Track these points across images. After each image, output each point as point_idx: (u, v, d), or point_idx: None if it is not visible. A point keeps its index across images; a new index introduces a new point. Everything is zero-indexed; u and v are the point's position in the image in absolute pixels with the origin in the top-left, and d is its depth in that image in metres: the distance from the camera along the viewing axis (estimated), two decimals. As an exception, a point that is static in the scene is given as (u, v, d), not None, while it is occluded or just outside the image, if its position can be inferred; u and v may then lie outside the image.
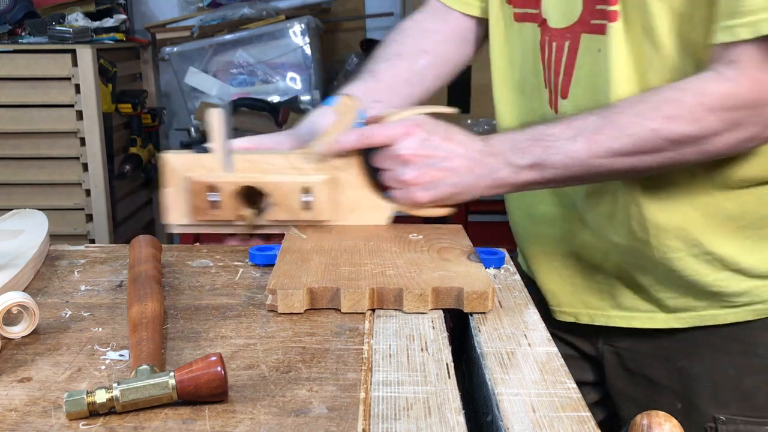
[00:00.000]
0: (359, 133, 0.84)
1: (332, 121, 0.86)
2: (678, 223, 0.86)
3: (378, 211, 0.88)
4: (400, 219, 0.91)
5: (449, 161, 0.82)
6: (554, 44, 0.88)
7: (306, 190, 0.86)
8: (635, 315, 0.95)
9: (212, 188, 0.86)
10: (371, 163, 0.86)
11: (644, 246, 0.88)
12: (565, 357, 1.02)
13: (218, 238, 0.95)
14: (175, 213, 0.88)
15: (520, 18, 0.94)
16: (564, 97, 0.90)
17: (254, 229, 0.89)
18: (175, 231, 0.90)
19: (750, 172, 0.83)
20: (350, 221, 0.88)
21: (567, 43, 0.87)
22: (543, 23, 0.90)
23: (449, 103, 2.57)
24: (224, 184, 0.85)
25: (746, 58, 0.74)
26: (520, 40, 0.96)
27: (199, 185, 0.85)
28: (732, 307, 0.89)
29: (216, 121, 0.84)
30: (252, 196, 0.88)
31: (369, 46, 2.77)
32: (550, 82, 0.91)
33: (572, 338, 1.04)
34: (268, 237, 0.92)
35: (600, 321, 0.98)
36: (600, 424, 0.53)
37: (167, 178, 0.87)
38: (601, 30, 0.84)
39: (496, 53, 1.00)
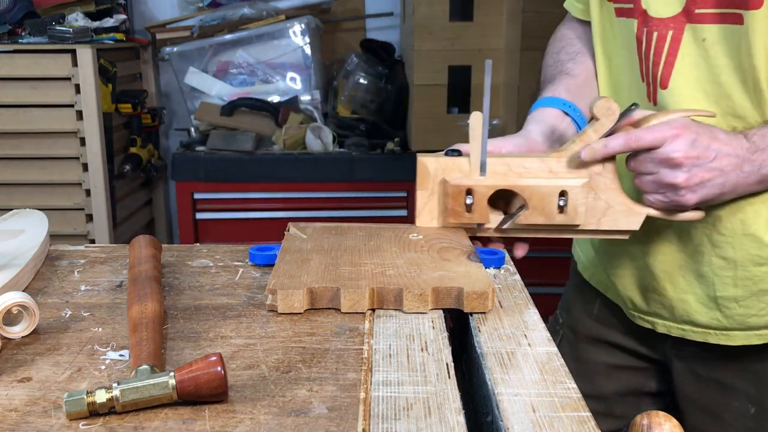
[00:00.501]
0: (627, 136, 0.81)
1: (592, 124, 0.84)
2: None
3: (631, 216, 0.86)
4: (397, 219, 0.91)
5: (717, 161, 0.80)
6: (655, 34, 0.88)
7: (563, 194, 0.84)
8: (710, 332, 0.94)
9: (469, 191, 0.85)
10: (629, 167, 0.84)
11: (738, 266, 0.89)
12: (629, 369, 1.02)
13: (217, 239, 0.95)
14: (426, 216, 0.88)
15: (619, 13, 0.94)
16: (664, 87, 0.89)
17: (502, 233, 0.88)
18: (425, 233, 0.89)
19: None
20: (603, 225, 0.86)
21: (670, 33, 0.87)
22: (643, 14, 0.89)
23: (449, 103, 2.57)
24: (481, 188, 0.85)
25: None
26: (621, 35, 0.95)
27: (457, 188, 0.85)
28: None
29: (477, 124, 0.83)
30: (495, 199, 0.87)
31: (369, 46, 2.77)
32: (648, 74, 0.91)
33: (637, 344, 1.04)
34: (511, 241, 0.91)
35: (675, 333, 0.98)
36: None
37: (421, 180, 0.87)
38: (702, 19, 0.84)
39: (598, 51, 1.01)
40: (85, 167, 2.46)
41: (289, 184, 2.45)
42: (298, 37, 2.67)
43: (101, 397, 0.51)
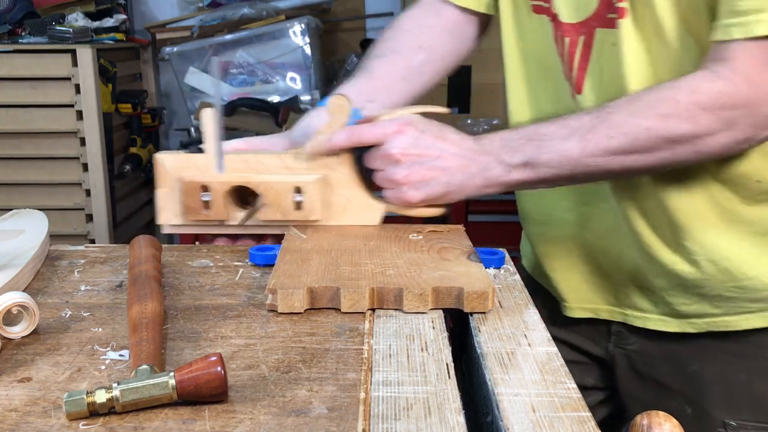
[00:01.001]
0: (349, 131, 0.83)
1: (325, 121, 0.86)
2: (697, 228, 0.86)
3: (370, 210, 0.88)
4: (398, 219, 0.91)
5: (441, 160, 0.81)
6: (567, 39, 0.88)
7: (298, 190, 0.86)
8: (649, 317, 0.94)
9: (205, 188, 0.86)
10: (363, 163, 0.86)
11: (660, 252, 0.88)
12: (569, 362, 1.02)
13: (208, 239, 0.95)
14: (168, 213, 0.89)
15: (536, 10, 0.93)
16: (578, 92, 0.89)
17: (245, 229, 0.89)
18: (167, 231, 0.90)
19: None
20: (342, 221, 0.88)
21: (581, 38, 0.87)
22: (554, 18, 0.89)
23: (449, 104, 2.57)
24: (216, 184, 0.86)
25: (740, 57, 0.74)
26: (539, 32, 0.94)
27: (191, 185, 0.86)
28: (746, 313, 0.89)
29: (209, 120, 0.85)
30: (244, 196, 0.88)
31: (369, 46, 2.77)
32: (569, 76, 0.91)
33: (580, 340, 1.04)
34: (259, 237, 0.92)
35: (618, 317, 0.98)
36: (601, 424, 0.53)
37: (160, 178, 0.88)
38: (613, 24, 0.84)
39: (509, 48, 0.99)
40: (85, 167, 2.46)
41: (289, 184, 2.45)
42: (298, 37, 2.67)
43: (101, 397, 0.51)
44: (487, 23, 1.06)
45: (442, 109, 0.88)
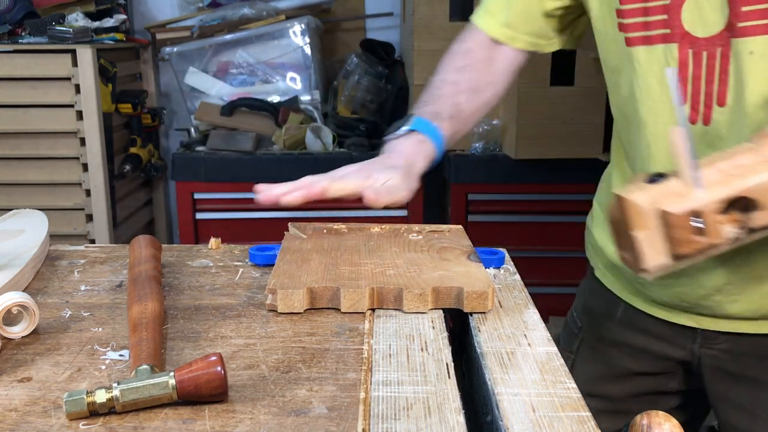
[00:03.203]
0: None
1: None
2: None
3: None
4: (397, 219, 0.90)
5: None
6: (705, 53, 0.85)
7: None
8: (741, 323, 0.92)
9: (695, 214, 0.72)
10: None
11: None
12: (651, 374, 0.96)
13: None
14: (653, 255, 0.74)
15: (641, 41, 0.89)
16: (721, 104, 0.85)
17: (735, 243, 0.76)
18: (656, 273, 0.77)
19: None
20: None
21: (719, 50, 0.85)
22: (685, 36, 0.87)
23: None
24: (708, 205, 0.72)
25: None
26: (645, 63, 0.90)
27: (680, 218, 0.72)
28: None
29: (679, 139, 0.73)
30: (728, 209, 0.74)
31: (369, 46, 2.77)
32: (699, 93, 0.86)
33: (661, 346, 1.02)
34: None
35: (706, 325, 0.96)
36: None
37: (635, 221, 0.74)
38: (755, 32, 0.80)
39: (641, 92, 0.92)
40: (85, 167, 2.46)
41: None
42: (298, 37, 2.67)
43: (101, 397, 0.51)
44: (527, 60, 1.07)
45: None
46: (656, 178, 0.75)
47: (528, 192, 2.42)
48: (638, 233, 0.73)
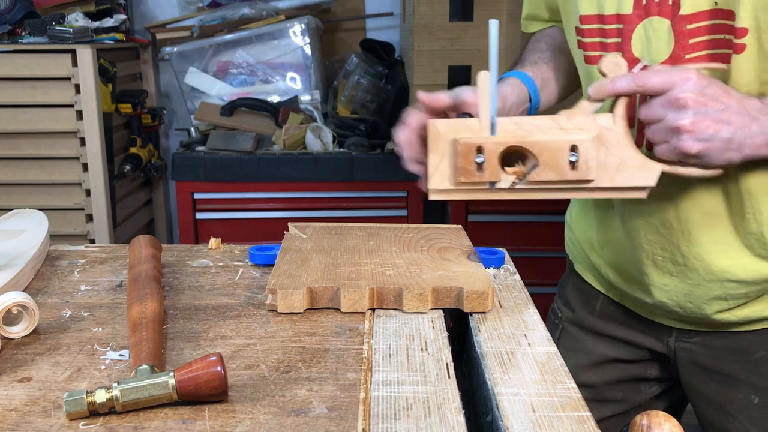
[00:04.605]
0: (634, 76, 0.79)
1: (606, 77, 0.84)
2: None
3: (645, 171, 0.84)
4: (397, 219, 0.90)
5: (726, 114, 0.77)
6: None
7: (573, 149, 0.83)
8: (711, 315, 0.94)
9: (480, 149, 0.83)
10: (640, 117, 0.83)
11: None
12: (630, 361, 1.00)
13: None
14: (438, 178, 0.86)
15: (590, 61, 0.94)
16: None
17: (514, 193, 0.87)
18: (435, 197, 0.86)
19: None
20: (617, 182, 0.86)
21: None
22: (633, 61, 0.89)
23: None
24: (491, 145, 0.83)
25: None
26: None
27: (467, 147, 0.84)
28: None
29: (484, 83, 0.84)
30: (510, 162, 0.87)
31: (369, 46, 2.77)
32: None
33: (641, 338, 1.04)
34: None
35: (680, 325, 0.98)
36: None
37: (432, 142, 0.85)
38: (700, 61, 0.84)
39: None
40: (85, 167, 2.46)
41: (289, 184, 2.45)
42: (298, 37, 2.67)
43: (101, 397, 0.51)
44: None
45: (719, 65, 0.85)
46: (464, 115, 0.86)
47: (528, 192, 2.42)
48: (432, 155, 0.85)
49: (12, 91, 2.40)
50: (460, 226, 0.95)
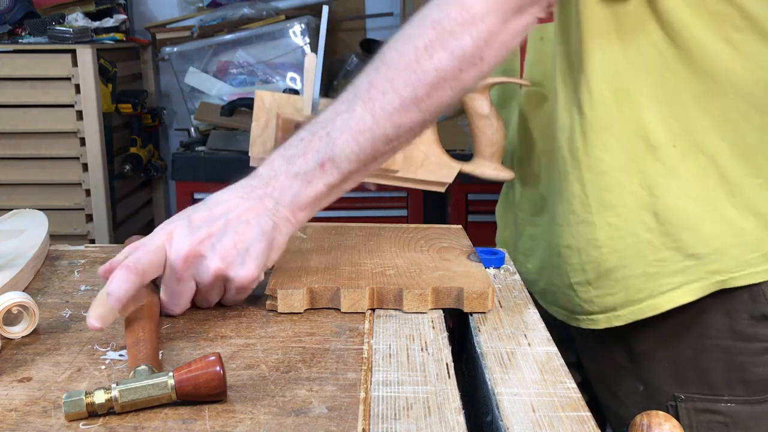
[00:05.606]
0: (126, 270, 0.65)
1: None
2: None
3: (446, 168, 0.90)
4: (397, 219, 0.91)
5: (233, 223, 0.68)
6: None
7: None
8: (579, 317, 0.95)
9: (298, 127, 0.82)
10: (163, 297, 0.70)
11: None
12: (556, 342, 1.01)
13: None
14: (259, 147, 0.92)
15: None
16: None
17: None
18: (255, 165, 0.80)
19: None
20: (419, 175, 0.90)
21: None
22: None
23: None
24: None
25: None
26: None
27: (288, 122, 0.88)
28: (668, 291, 0.89)
29: (311, 64, 0.88)
30: None
31: (369, 46, 2.77)
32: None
33: (548, 318, 1.06)
34: None
35: (560, 317, 1.00)
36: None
37: (258, 112, 0.91)
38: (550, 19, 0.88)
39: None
40: (85, 167, 2.46)
41: (289, 184, 2.45)
42: (298, 37, 2.67)
43: (100, 397, 0.51)
44: None
45: (518, 80, 0.92)
46: (291, 92, 0.92)
47: (528, 192, 2.42)
48: (255, 123, 0.91)
49: (12, 91, 2.41)
50: (460, 226, 0.95)
